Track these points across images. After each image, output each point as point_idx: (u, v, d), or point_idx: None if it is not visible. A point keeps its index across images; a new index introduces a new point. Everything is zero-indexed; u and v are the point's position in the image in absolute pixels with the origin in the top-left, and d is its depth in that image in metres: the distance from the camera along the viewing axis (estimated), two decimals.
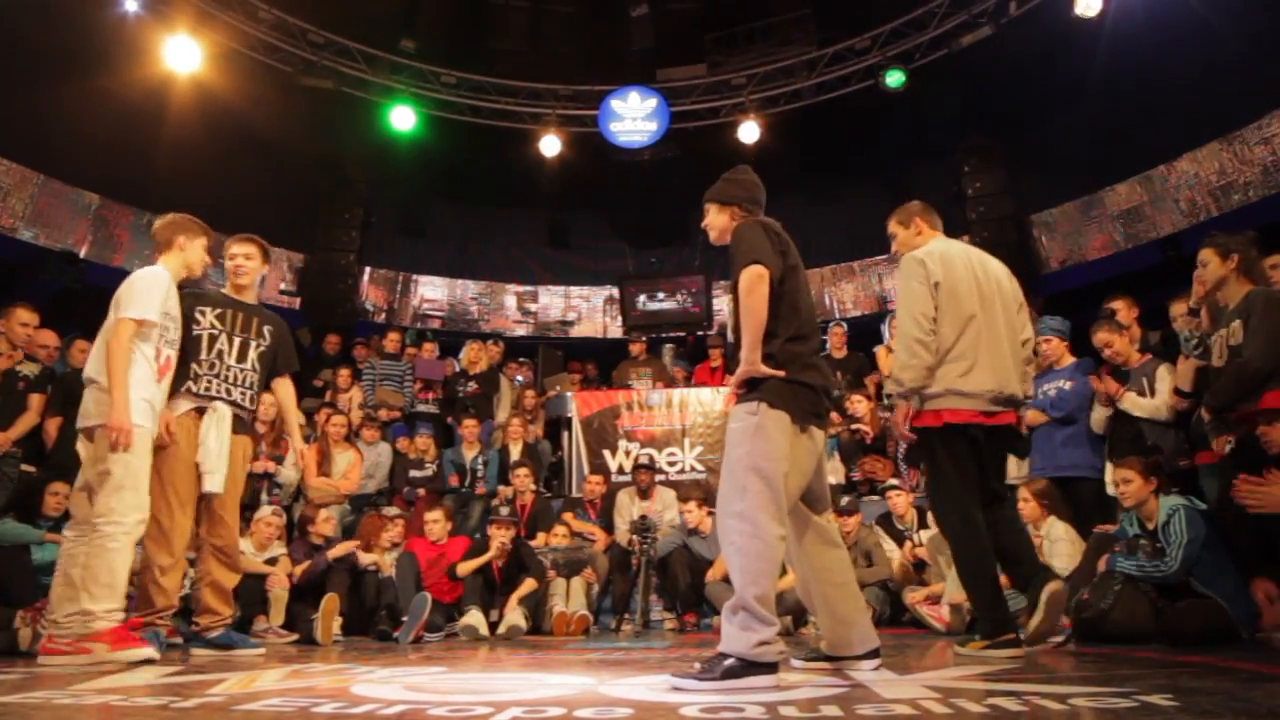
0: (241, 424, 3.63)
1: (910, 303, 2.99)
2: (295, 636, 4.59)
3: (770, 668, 2.27)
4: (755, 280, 2.40)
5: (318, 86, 8.04)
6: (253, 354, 3.63)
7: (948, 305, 2.98)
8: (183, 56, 7.27)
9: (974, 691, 2.07)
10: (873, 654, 2.60)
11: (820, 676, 2.51)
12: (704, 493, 6.02)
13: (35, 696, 2.16)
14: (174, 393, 3.40)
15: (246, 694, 2.21)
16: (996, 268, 3.17)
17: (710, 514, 5.78)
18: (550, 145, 8.94)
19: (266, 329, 3.72)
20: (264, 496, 5.79)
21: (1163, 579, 3.43)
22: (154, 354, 3.24)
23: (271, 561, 4.91)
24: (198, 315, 3.52)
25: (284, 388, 3.86)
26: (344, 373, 7.20)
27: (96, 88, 7.10)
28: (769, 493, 2.34)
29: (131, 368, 3.13)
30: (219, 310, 3.59)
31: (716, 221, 2.73)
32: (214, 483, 3.40)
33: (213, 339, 3.53)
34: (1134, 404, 4.29)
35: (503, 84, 9.00)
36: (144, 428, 3.13)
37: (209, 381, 3.48)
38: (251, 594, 4.70)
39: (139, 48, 7.25)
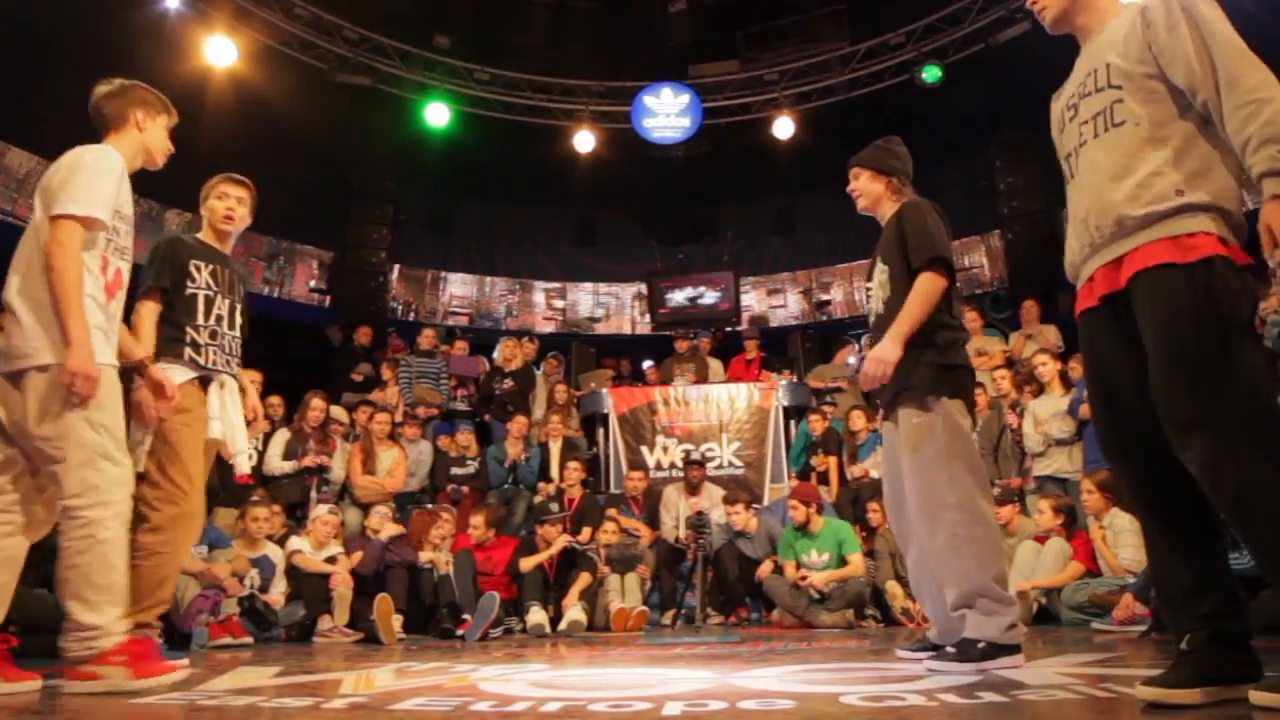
0: None
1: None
2: (360, 635, 4.60)
3: (1016, 649, 2.34)
4: (938, 290, 2.47)
5: (352, 83, 8.01)
6: (239, 318, 3.08)
7: None
8: (219, 53, 7.25)
9: (1114, 677, 2.10)
10: None
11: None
12: (750, 494, 6.03)
13: (174, 698, 2.16)
14: (161, 354, 2.80)
15: (383, 694, 2.21)
16: None
17: (756, 514, 5.80)
18: (584, 141, 8.92)
19: (241, 289, 3.12)
20: (314, 494, 5.79)
21: (1244, 570, 3.45)
22: (100, 265, 2.38)
23: (331, 560, 4.91)
24: (193, 270, 2.92)
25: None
26: (388, 366, 7.20)
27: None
28: (974, 477, 2.41)
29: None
30: (211, 267, 2.98)
31: (870, 189, 2.74)
32: (244, 464, 2.99)
33: (210, 301, 2.96)
34: None
35: (536, 80, 8.98)
36: (110, 367, 2.38)
37: (214, 354, 2.92)
38: (315, 593, 4.72)
39: (175, 45, 7.22)
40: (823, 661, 2.84)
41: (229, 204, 3.03)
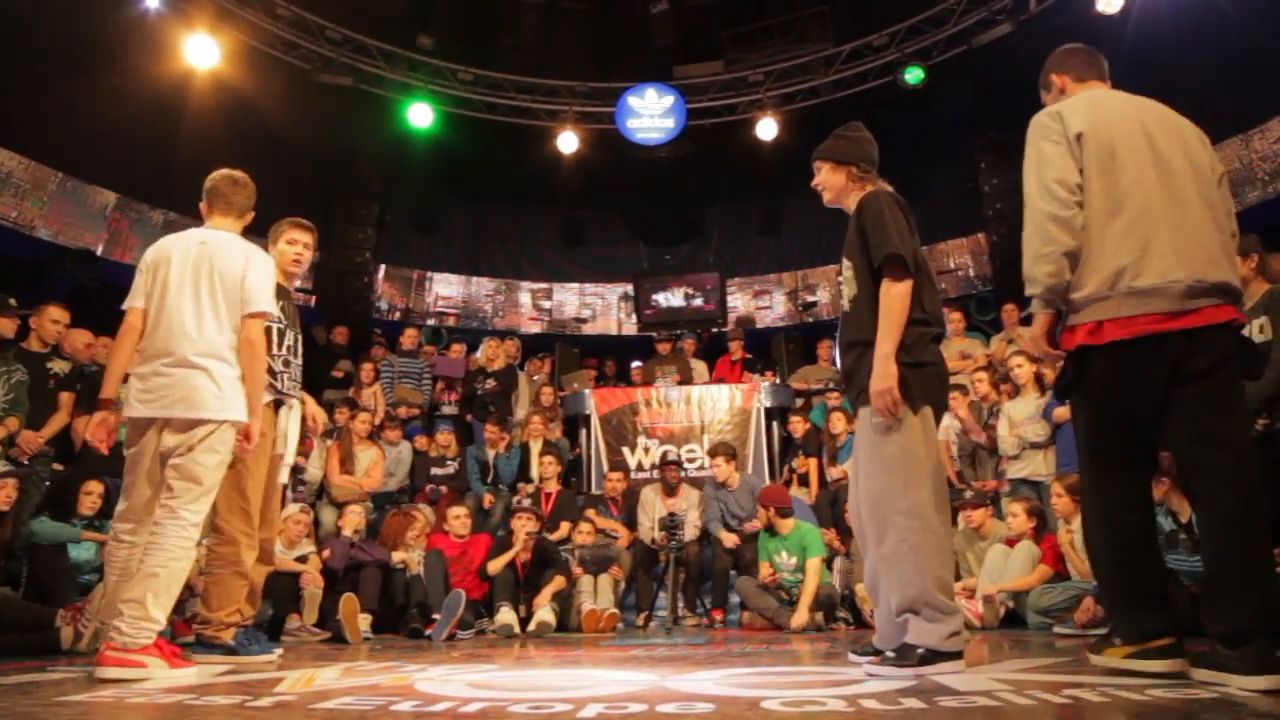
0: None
1: (1040, 169, 2.13)
2: (328, 635, 4.59)
3: (958, 655, 2.34)
4: (903, 294, 2.40)
5: (335, 84, 8.02)
6: (300, 349, 3.53)
7: (1100, 167, 2.10)
8: (201, 53, 7.25)
9: (1045, 683, 2.08)
10: None
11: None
12: (731, 449, 6.10)
13: (105, 695, 2.16)
14: None
15: (315, 692, 2.21)
16: (1184, 125, 2.25)
17: (738, 469, 5.90)
18: (568, 142, 8.92)
19: (300, 323, 3.62)
20: (289, 493, 5.79)
21: (1190, 571, 3.45)
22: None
23: (302, 559, 4.91)
24: None
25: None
26: (367, 367, 7.21)
27: (115, 85, 7.07)
28: (930, 482, 2.38)
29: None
30: (280, 303, 3.36)
31: (831, 181, 2.67)
32: (284, 474, 3.43)
33: (282, 333, 3.37)
34: None
35: (520, 80, 8.98)
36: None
37: (286, 380, 3.36)
38: (284, 592, 4.71)
39: (158, 45, 7.22)
40: (772, 664, 2.83)
41: (298, 249, 3.46)
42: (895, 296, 2.39)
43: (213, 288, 2.81)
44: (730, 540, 5.56)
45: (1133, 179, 2.08)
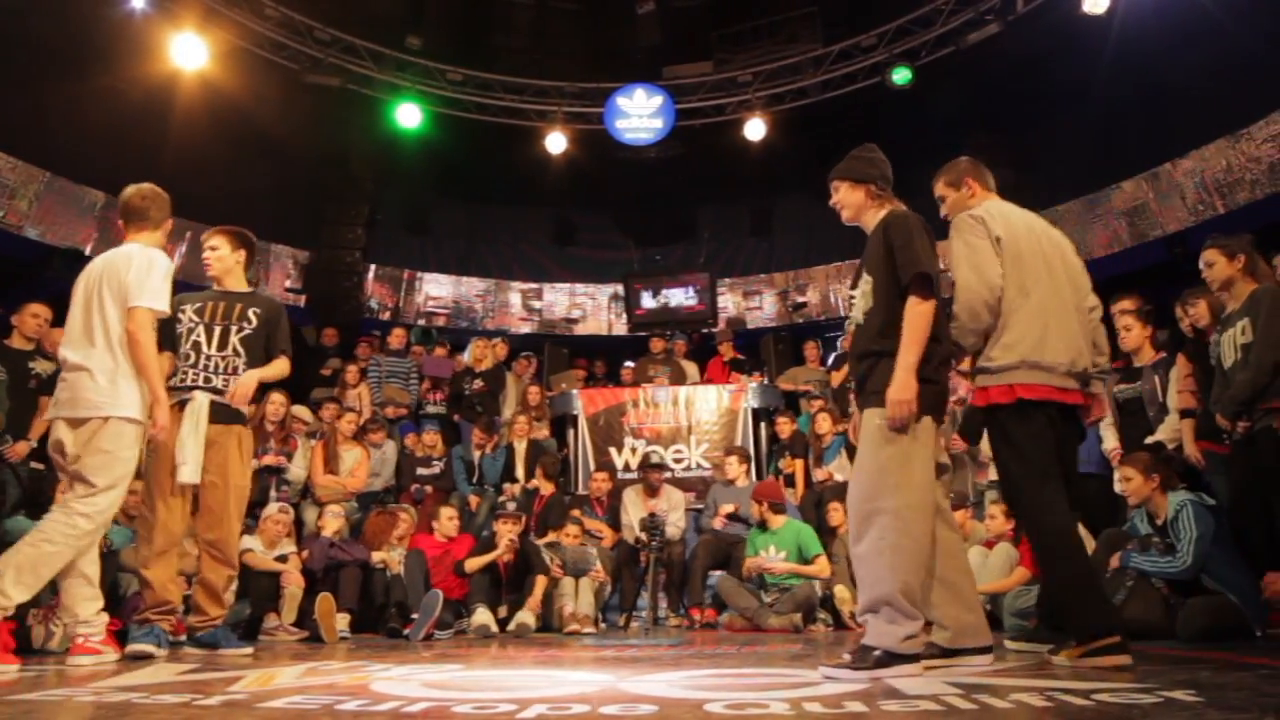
0: (229, 413, 3.49)
1: (975, 260, 2.60)
2: (305, 634, 4.59)
3: (915, 658, 2.37)
4: (928, 312, 2.45)
5: (324, 84, 8.03)
6: (234, 339, 3.54)
7: (1012, 264, 2.62)
8: (189, 54, 7.26)
9: (997, 687, 2.08)
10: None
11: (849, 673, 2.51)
12: (747, 453, 6.24)
13: (57, 694, 2.17)
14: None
15: (268, 691, 2.21)
16: (1058, 235, 2.86)
17: (748, 472, 6.03)
18: (556, 143, 8.93)
19: (252, 312, 3.61)
20: (273, 493, 5.79)
21: (1175, 575, 3.44)
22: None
23: (281, 559, 4.91)
24: (179, 315, 3.50)
25: (273, 363, 3.67)
26: (352, 369, 7.21)
27: (103, 85, 7.09)
28: (919, 491, 2.40)
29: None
30: (198, 305, 3.57)
31: (850, 199, 2.73)
32: (186, 473, 3.28)
33: (190, 332, 3.51)
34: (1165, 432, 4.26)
35: (508, 81, 8.99)
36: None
37: (184, 373, 3.45)
38: (263, 591, 4.71)
39: (145, 45, 7.24)
40: (737, 666, 2.82)
41: (205, 255, 3.66)
42: (921, 314, 2.45)
43: (100, 297, 3.00)
44: (724, 511, 5.69)
45: (1035, 278, 2.64)
